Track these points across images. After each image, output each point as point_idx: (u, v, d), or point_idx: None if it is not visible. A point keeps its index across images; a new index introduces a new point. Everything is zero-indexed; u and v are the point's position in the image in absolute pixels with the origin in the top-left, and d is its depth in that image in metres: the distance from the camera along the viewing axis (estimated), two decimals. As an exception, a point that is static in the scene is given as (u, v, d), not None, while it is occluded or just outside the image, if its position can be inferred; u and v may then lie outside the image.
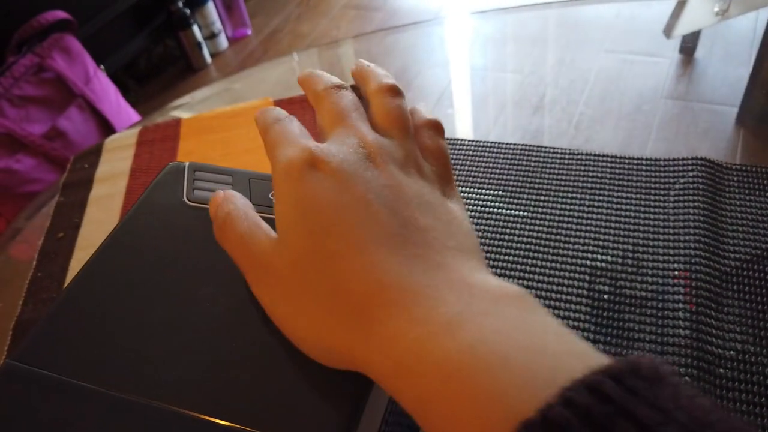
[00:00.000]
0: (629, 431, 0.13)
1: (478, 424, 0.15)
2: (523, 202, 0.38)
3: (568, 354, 0.16)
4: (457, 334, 0.17)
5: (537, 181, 0.40)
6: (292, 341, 0.21)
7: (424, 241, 0.20)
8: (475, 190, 0.40)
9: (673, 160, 0.38)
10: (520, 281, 0.34)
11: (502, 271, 0.34)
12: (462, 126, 0.49)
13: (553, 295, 0.32)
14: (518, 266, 0.34)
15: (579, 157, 0.40)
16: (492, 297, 0.18)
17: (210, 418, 0.21)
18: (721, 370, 0.28)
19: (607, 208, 0.37)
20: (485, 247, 0.36)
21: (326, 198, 0.21)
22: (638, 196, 0.37)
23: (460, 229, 0.22)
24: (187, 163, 0.31)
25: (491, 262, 0.35)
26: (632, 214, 0.36)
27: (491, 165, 0.42)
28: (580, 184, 0.39)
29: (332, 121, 0.25)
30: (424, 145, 0.25)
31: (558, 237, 0.36)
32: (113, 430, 0.21)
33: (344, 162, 0.22)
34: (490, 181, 0.40)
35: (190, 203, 0.29)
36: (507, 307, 0.18)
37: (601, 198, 0.37)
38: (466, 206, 0.39)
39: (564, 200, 0.38)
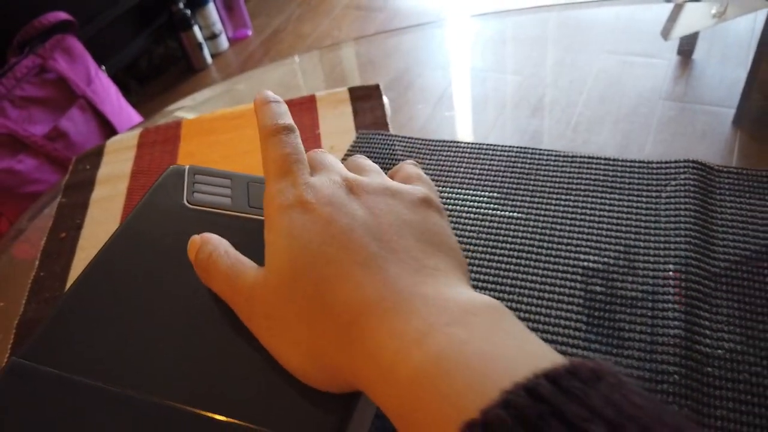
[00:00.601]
0: (558, 429, 0.14)
1: (436, 426, 0.17)
2: (518, 203, 0.39)
3: (523, 358, 0.17)
4: (426, 345, 0.18)
5: (531, 183, 0.40)
6: (290, 371, 0.22)
7: (403, 261, 0.22)
8: (470, 191, 0.40)
9: (666, 162, 0.39)
10: (514, 281, 0.34)
11: (496, 272, 0.35)
12: (462, 128, 0.50)
13: (547, 295, 0.33)
14: (512, 267, 0.35)
15: (573, 159, 0.41)
16: (461, 308, 0.20)
17: (212, 415, 0.21)
18: (709, 369, 0.28)
19: (600, 209, 0.37)
20: (480, 248, 0.36)
21: (313, 233, 0.22)
22: (630, 197, 0.37)
23: (441, 247, 0.24)
24: (187, 167, 0.31)
25: (485, 263, 0.35)
26: (625, 215, 0.36)
27: (487, 167, 0.42)
28: (574, 186, 0.39)
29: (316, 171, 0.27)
30: (407, 173, 0.29)
31: (552, 238, 0.36)
32: (118, 427, 0.21)
33: (331, 200, 0.23)
34: (485, 182, 0.41)
35: (191, 206, 0.29)
36: (475, 317, 0.19)
37: (594, 200, 0.38)
38: (461, 208, 0.39)
39: (558, 202, 0.38)
